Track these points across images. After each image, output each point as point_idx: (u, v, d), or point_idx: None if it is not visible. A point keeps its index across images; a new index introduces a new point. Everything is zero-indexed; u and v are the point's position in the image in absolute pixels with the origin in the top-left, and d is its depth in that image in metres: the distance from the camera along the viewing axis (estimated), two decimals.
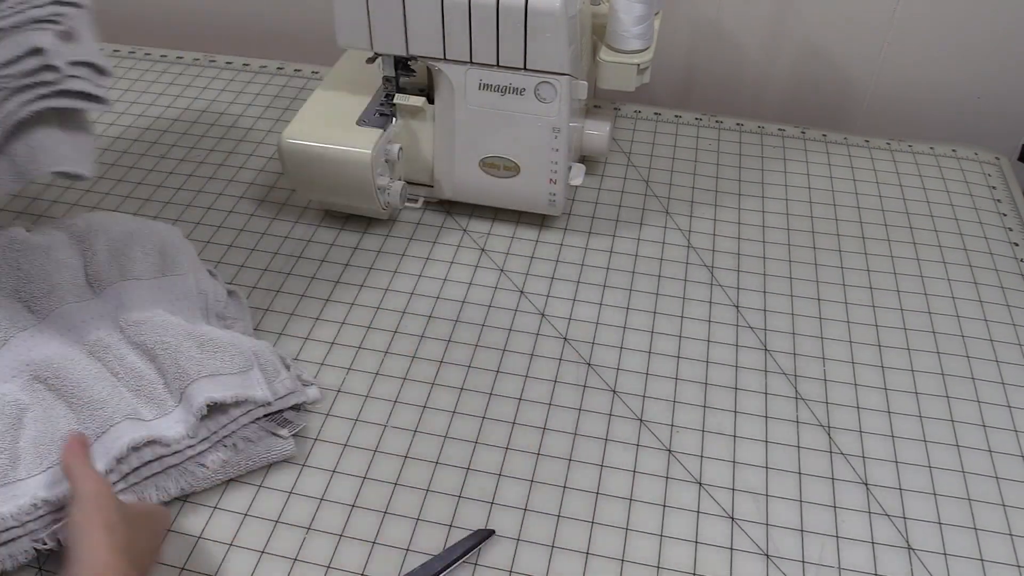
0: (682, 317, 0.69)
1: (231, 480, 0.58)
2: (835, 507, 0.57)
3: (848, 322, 0.69)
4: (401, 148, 0.73)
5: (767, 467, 0.59)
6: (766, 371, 0.66)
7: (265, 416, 0.58)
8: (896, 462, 0.59)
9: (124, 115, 0.91)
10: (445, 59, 0.69)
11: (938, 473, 0.59)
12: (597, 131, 0.79)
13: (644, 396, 0.64)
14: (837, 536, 0.55)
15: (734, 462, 0.59)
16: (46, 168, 0.57)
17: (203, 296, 0.64)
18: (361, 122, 0.72)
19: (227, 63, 1.00)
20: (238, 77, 0.98)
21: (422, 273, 0.73)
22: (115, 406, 0.55)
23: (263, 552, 0.54)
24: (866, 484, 0.58)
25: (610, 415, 0.63)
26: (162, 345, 0.58)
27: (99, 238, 0.64)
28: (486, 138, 0.72)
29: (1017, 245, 0.77)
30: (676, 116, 0.92)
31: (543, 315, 0.69)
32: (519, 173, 0.73)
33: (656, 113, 0.93)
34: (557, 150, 0.71)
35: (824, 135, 0.90)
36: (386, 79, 0.74)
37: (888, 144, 0.89)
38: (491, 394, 0.64)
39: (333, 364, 0.66)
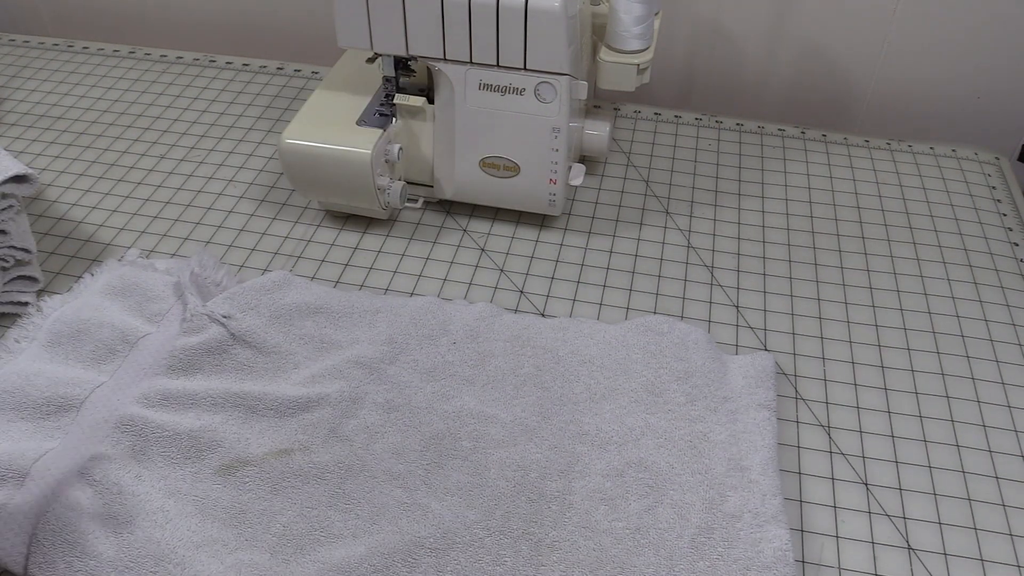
0: (682, 317, 0.69)
1: None
2: (835, 507, 0.57)
3: (848, 322, 0.69)
4: (401, 148, 0.73)
5: None
6: None
7: None
8: (896, 462, 0.59)
9: (124, 115, 0.91)
10: (445, 59, 0.69)
11: (938, 473, 0.59)
12: (597, 131, 0.79)
13: None
14: (837, 536, 0.55)
15: None
16: None
17: None
18: (361, 122, 0.72)
19: (227, 63, 1.00)
20: (238, 77, 0.98)
21: (422, 273, 0.73)
22: None
23: None
24: (866, 484, 0.58)
25: None
26: None
27: None
28: (486, 138, 0.72)
29: (1017, 245, 0.77)
30: (676, 116, 0.92)
31: (543, 315, 0.69)
32: (519, 173, 0.73)
33: (656, 113, 0.93)
34: (557, 150, 0.71)
35: (824, 135, 0.90)
36: (386, 79, 0.74)
37: (888, 144, 0.89)
38: None
39: None
